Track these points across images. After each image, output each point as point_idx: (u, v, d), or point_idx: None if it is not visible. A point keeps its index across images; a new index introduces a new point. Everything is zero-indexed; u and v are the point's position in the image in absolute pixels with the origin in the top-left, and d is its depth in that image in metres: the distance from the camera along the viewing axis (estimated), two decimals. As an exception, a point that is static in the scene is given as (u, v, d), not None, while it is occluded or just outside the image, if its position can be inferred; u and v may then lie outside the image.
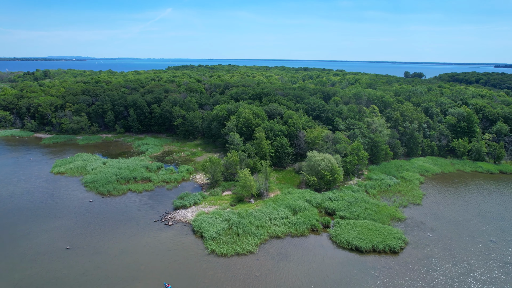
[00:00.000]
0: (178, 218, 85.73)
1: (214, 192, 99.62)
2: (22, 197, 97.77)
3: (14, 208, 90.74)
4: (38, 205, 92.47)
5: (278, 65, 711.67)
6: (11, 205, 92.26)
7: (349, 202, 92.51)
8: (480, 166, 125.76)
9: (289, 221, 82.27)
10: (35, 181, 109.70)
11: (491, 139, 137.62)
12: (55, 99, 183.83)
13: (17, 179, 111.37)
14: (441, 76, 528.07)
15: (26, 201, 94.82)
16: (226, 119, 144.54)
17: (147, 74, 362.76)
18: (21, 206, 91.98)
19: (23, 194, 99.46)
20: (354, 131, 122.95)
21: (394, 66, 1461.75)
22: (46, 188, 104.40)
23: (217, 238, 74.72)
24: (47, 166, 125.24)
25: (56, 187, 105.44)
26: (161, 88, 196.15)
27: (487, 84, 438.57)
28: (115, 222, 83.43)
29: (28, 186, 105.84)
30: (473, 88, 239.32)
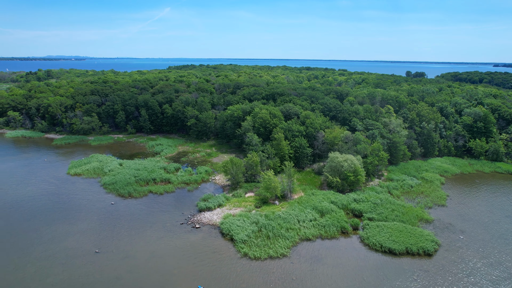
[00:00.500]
0: (204, 220, 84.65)
1: (237, 193, 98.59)
2: (43, 198, 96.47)
3: (36, 210, 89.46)
4: (60, 207, 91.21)
5: (279, 65, 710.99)
6: (34, 207, 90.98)
7: (375, 204, 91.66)
8: (500, 167, 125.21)
9: (318, 223, 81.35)
10: (53, 183, 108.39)
11: (509, 139, 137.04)
12: (64, 99, 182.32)
13: (35, 180, 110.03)
14: (443, 76, 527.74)
15: (47, 203, 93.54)
16: (241, 120, 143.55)
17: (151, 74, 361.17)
18: (43, 208, 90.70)
19: (43, 196, 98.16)
20: (373, 132, 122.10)
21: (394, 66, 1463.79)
22: (65, 189, 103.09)
23: (248, 241, 73.69)
24: (62, 167, 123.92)
25: (75, 188, 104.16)
26: (171, 88, 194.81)
27: (491, 83, 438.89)
28: (140, 225, 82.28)
29: (47, 187, 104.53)
30: (482, 87, 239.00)
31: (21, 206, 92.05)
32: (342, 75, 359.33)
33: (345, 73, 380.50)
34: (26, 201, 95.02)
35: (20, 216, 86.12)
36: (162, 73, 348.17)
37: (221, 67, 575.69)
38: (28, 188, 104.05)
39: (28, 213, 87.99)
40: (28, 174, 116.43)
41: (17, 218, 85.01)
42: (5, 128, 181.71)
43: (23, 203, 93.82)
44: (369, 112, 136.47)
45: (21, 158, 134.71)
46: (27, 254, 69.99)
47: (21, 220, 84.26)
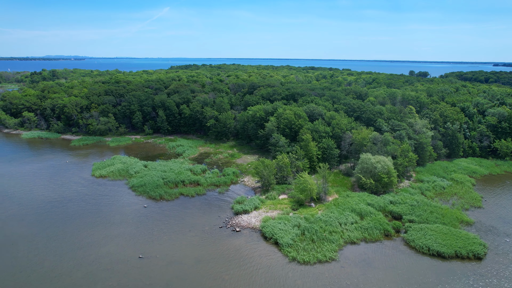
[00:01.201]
0: (243, 224, 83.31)
1: (271, 196, 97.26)
2: (74, 201, 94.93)
3: (69, 213, 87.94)
4: (93, 210, 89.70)
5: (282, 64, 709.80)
6: (66, 210, 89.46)
7: (412, 206, 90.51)
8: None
9: (360, 226, 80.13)
10: (80, 185, 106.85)
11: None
12: (79, 99, 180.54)
13: (62, 182, 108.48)
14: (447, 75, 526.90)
15: (79, 206, 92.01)
16: (264, 120, 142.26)
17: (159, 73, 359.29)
18: (76, 211, 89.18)
19: (74, 199, 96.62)
20: (400, 132, 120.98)
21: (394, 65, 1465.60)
22: (94, 192, 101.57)
23: (294, 245, 72.42)
24: (85, 169, 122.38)
25: (104, 191, 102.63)
26: (186, 89, 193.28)
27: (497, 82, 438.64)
28: (179, 228, 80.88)
29: (75, 190, 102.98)
30: (495, 87, 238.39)
31: (53, 209, 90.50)
32: (351, 75, 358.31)
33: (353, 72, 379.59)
34: (58, 204, 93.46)
35: (55, 220, 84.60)
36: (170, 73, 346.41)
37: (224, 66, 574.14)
38: (57, 190, 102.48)
39: (62, 216, 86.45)
40: (54, 175, 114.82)
41: (52, 222, 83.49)
42: (20, 129, 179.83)
43: (55, 206, 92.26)
44: (394, 113, 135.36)
45: (43, 159, 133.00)
46: (70, 259, 68.51)
47: (56, 223, 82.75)
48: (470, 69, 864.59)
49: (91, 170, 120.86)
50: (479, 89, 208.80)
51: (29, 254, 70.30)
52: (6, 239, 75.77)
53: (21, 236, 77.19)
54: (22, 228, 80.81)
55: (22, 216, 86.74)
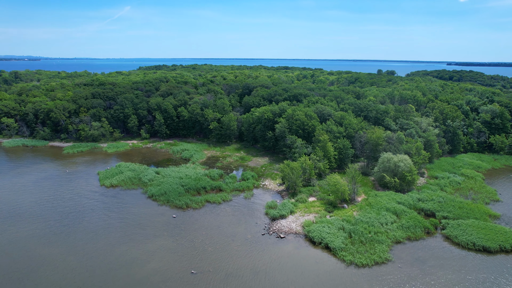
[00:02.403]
0: (284, 229, 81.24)
1: (301, 199, 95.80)
2: (92, 215, 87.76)
3: (93, 228, 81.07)
4: (117, 224, 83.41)
5: (247, 64, 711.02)
6: (88, 225, 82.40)
7: (439, 202, 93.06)
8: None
9: (401, 225, 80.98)
10: (92, 196, 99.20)
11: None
12: (66, 103, 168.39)
13: (70, 195, 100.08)
14: (413, 74, 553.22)
15: (101, 220, 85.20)
16: (272, 122, 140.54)
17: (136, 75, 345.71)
18: (99, 225, 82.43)
19: (90, 212, 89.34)
20: (411, 131, 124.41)
21: (359, 64, 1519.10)
22: (112, 204, 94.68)
23: (347, 248, 71.61)
24: (90, 178, 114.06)
25: (121, 202, 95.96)
26: (180, 90, 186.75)
27: (461, 80, 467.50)
28: (221, 239, 77.22)
29: (88, 202, 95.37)
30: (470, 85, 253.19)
31: (72, 224, 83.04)
32: (331, 74, 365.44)
33: (333, 72, 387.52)
34: (75, 218, 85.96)
35: (79, 236, 77.63)
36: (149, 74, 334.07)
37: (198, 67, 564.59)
38: (69, 203, 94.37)
39: (86, 231, 79.52)
40: (58, 187, 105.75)
41: (77, 238, 76.53)
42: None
43: (72, 220, 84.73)
44: (400, 112, 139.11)
45: (38, 169, 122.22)
46: (115, 279, 62.99)
47: (83, 240, 75.91)
48: (427, 68, 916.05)
49: (97, 179, 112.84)
50: (461, 87, 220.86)
51: (66, 277, 63.75)
52: (33, 262, 68.24)
53: (49, 257, 69.92)
54: (45, 248, 73.26)
55: (40, 234, 78.75)
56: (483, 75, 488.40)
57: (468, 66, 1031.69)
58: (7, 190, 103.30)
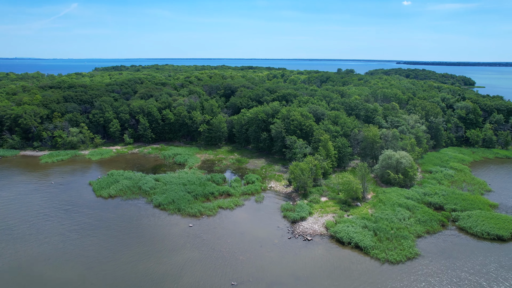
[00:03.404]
0: (309, 231, 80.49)
1: (314, 199, 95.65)
2: (100, 229, 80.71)
3: (107, 245, 74.46)
4: (133, 237, 77.46)
5: (210, 64, 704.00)
6: (100, 242, 75.51)
7: (444, 195, 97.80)
8: (498, 153, 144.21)
9: (417, 220, 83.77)
10: (92, 209, 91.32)
11: (493, 128, 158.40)
12: (36, 108, 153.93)
13: (66, 208, 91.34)
14: (372, 72, 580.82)
15: (112, 235, 78.55)
16: (266, 123, 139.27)
17: (101, 76, 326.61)
18: (113, 241, 75.92)
19: (97, 226, 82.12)
20: (402, 128, 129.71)
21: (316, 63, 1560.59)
22: (116, 215, 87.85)
23: (377, 246, 72.51)
24: (83, 189, 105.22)
25: (126, 213, 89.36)
26: (162, 92, 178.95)
27: (416, 78, 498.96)
28: (248, 245, 74.62)
29: (90, 215, 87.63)
30: (433, 82, 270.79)
31: (80, 241, 75.65)
32: (301, 74, 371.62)
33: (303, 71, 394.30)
34: (81, 234, 78.45)
35: (94, 254, 70.90)
36: (115, 75, 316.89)
37: (159, 67, 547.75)
38: (69, 218, 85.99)
39: (100, 249, 72.86)
40: (48, 201, 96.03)
41: (93, 257, 69.81)
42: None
43: (79, 238, 77.24)
44: (388, 110, 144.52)
45: (17, 182, 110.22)
46: (152, 299, 58.23)
47: (99, 259, 69.40)
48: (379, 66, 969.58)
49: (91, 190, 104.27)
50: (430, 85, 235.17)
51: (94, 301, 57.76)
52: None
53: (66, 281, 62.92)
54: (58, 270, 65.88)
55: (46, 255, 70.81)
56: (435, 73, 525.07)
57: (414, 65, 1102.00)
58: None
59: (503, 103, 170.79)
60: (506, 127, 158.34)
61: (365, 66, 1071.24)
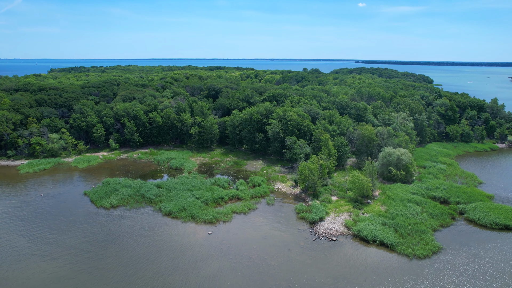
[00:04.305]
0: (330, 231, 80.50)
1: (326, 199, 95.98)
2: (115, 243, 74.97)
3: (128, 259, 69.32)
4: (153, 249, 72.83)
5: (176, 64, 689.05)
6: (120, 257, 70.10)
7: (444, 189, 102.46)
8: (476, 147, 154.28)
9: (429, 214, 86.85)
10: (96, 221, 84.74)
11: (469, 123, 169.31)
12: (7, 113, 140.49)
13: (68, 222, 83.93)
14: (337, 71, 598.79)
15: (130, 247, 73.32)
16: (261, 123, 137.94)
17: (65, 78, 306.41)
18: (133, 254, 70.85)
19: (109, 239, 76.24)
20: (394, 126, 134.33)
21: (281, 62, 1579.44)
22: (124, 227, 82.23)
23: (402, 242, 74.05)
24: (79, 200, 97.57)
25: (137, 224, 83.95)
26: (145, 94, 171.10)
27: (381, 76, 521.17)
28: (276, 250, 73.01)
29: (97, 228, 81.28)
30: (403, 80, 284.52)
31: (98, 257, 69.72)
32: (275, 74, 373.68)
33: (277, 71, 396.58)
34: (97, 249, 72.38)
35: (118, 272, 65.59)
36: (82, 77, 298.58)
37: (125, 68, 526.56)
38: (73, 233, 79.05)
39: (123, 265, 67.62)
40: (44, 215, 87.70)
41: (117, 275, 64.55)
42: None
43: (95, 252, 71.18)
44: (377, 108, 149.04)
45: (2, 197, 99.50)
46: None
47: (125, 275, 64.34)
48: (339, 65, 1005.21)
49: (88, 200, 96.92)
50: (404, 84, 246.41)
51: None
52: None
53: (93, 301, 57.56)
54: (80, 291, 60.14)
55: (61, 275, 64.34)
56: (397, 72, 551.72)
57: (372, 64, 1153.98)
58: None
59: (475, 100, 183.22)
60: (480, 122, 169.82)
61: (327, 65, 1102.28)
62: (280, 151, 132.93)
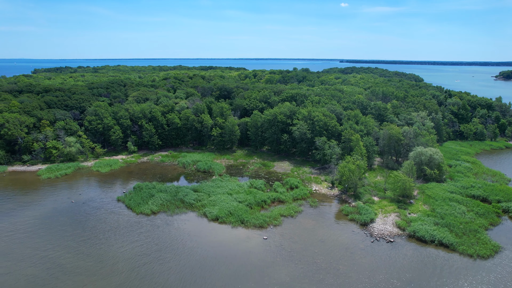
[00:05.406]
0: (385, 232, 79.90)
1: (369, 200, 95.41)
2: (171, 252, 71.92)
3: (192, 270, 66.55)
4: (212, 258, 70.24)
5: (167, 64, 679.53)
6: (183, 266, 67.25)
7: (480, 187, 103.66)
8: (491, 144, 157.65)
9: (476, 213, 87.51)
10: (143, 229, 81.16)
11: (480, 122, 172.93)
12: (19, 116, 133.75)
13: (109, 230, 79.99)
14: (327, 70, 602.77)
15: (188, 256, 70.52)
16: (285, 124, 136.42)
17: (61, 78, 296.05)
18: (195, 263, 68.09)
19: (164, 249, 73.10)
20: (417, 125, 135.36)
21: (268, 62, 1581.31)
22: (176, 235, 79.19)
23: (461, 242, 74.13)
24: (113, 206, 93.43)
25: (186, 231, 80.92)
26: (160, 95, 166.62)
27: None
28: (338, 253, 71.70)
29: (149, 237, 77.86)
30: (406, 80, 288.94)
31: (161, 269, 66.62)
32: (274, 73, 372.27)
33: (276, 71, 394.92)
34: (155, 258, 69.16)
35: (186, 283, 62.75)
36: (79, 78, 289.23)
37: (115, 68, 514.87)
38: (129, 242, 75.39)
39: (187, 273, 64.81)
40: (85, 223, 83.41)
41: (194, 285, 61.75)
42: None
43: (151, 263, 67.99)
44: (397, 108, 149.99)
45: (24, 204, 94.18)
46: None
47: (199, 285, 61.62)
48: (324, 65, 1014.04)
49: (123, 207, 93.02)
50: (410, 83, 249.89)
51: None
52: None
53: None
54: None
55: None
56: (388, 71, 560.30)
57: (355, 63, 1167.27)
58: (9, 237, 76.86)
59: (483, 99, 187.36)
60: (490, 121, 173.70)
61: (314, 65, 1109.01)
62: (306, 152, 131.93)
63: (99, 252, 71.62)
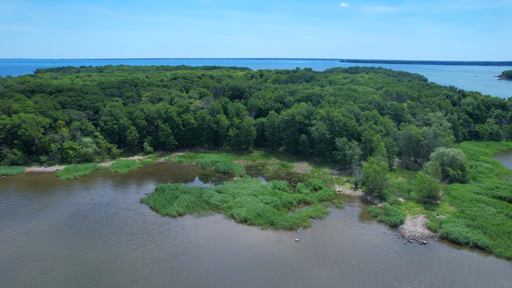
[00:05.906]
0: (416, 234, 79.10)
1: (396, 201, 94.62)
2: (209, 252, 71.07)
3: (231, 274, 65.70)
4: (249, 263, 69.43)
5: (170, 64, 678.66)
6: (226, 271, 66.40)
7: (506, 188, 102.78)
8: (508, 145, 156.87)
9: (506, 214, 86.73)
10: (174, 231, 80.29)
11: (495, 122, 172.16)
12: (35, 117, 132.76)
13: (141, 232, 79.13)
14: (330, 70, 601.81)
15: (223, 260, 69.66)
16: (303, 124, 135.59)
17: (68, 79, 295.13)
18: (232, 267, 67.26)
19: (200, 254, 72.25)
20: (436, 125, 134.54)
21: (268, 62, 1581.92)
22: (206, 238, 78.28)
23: (495, 244, 73.37)
24: (138, 208, 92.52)
25: (215, 234, 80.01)
26: (174, 95, 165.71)
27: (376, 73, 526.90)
28: (374, 256, 70.86)
29: (180, 240, 77.02)
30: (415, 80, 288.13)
31: (201, 273, 65.79)
32: (280, 73, 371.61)
33: (282, 71, 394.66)
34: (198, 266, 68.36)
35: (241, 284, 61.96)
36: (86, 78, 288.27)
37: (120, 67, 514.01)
38: (162, 247, 74.53)
39: (229, 280, 63.98)
40: (114, 225, 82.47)
41: None
42: None
43: (203, 268, 67.19)
44: (414, 108, 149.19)
45: (50, 205, 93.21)
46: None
47: None
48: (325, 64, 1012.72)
49: (148, 208, 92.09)
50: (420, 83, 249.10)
51: None
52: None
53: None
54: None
55: (163, 291, 60.09)
56: (392, 71, 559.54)
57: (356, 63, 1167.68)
58: (40, 238, 75.91)
59: (497, 99, 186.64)
60: (505, 121, 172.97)
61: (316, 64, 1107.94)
62: (324, 152, 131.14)
63: (131, 254, 70.73)
